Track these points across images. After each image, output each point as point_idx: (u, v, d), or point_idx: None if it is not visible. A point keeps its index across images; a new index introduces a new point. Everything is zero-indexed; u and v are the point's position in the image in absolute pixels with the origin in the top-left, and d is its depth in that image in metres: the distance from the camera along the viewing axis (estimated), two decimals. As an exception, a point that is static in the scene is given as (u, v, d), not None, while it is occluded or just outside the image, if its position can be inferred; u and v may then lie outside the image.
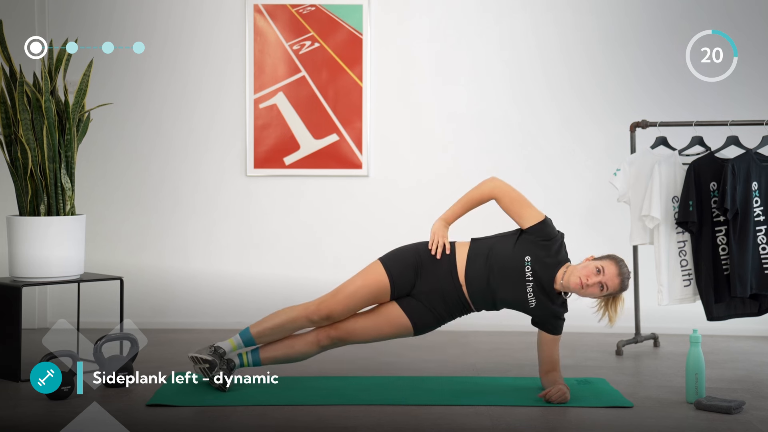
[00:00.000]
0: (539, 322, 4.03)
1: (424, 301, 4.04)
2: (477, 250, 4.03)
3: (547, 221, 4.00)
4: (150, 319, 5.62)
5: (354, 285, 4.06)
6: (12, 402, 3.90)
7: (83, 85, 4.57)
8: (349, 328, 4.07)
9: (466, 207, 4.10)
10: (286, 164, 5.81)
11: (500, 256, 3.98)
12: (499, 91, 5.81)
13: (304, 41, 5.80)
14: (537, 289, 3.95)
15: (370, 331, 4.07)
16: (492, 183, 4.07)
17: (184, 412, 3.73)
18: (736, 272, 4.74)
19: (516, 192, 4.03)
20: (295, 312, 4.06)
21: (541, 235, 3.98)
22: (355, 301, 4.03)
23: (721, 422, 3.65)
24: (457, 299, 4.03)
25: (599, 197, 5.71)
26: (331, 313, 4.02)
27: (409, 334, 4.10)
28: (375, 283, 4.04)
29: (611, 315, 3.99)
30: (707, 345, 5.01)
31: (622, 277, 3.92)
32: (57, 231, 4.42)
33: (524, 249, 3.97)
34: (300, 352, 4.10)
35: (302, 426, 3.56)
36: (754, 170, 4.80)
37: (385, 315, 4.07)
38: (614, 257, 3.96)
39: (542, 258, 3.95)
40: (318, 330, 4.09)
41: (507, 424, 3.61)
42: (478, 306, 4.06)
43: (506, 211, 4.05)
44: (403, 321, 4.05)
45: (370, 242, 5.79)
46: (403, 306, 4.06)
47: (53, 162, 4.45)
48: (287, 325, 4.06)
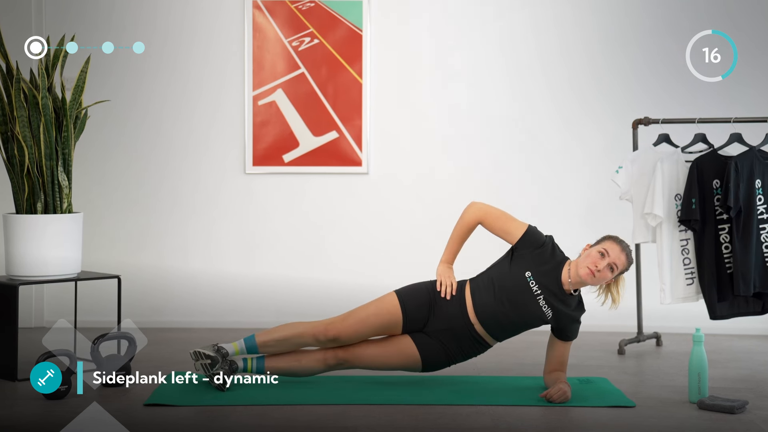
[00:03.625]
0: (558, 330, 4.03)
1: (435, 339, 4.04)
2: (478, 285, 4.04)
3: (531, 230, 4.02)
4: (148, 318, 5.60)
5: (366, 312, 4.04)
6: (9, 402, 3.88)
7: (80, 82, 4.54)
8: (359, 352, 4.05)
9: (458, 241, 4.12)
10: (285, 162, 5.78)
11: (503, 282, 3.98)
12: (499, 88, 5.79)
13: (303, 37, 5.77)
14: (549, 298, 3.95)
15: (379, 359, 4.05)
16: (473, 208, 4.09)
17: (184, 411, 3.70)
18: (739, 270, 4.72)
19: (497, 210, 4.07)
20: (303, 328, 4.04)
21: (531, 246, 3.99)
22: (365, 329, 4.02)
23: (724, 422, 3.63)
24: (470, 337, 4.02)
25: (598, 196, 5.69)
26: (339, 336, 4.00)
27: (417, 369, 4.08)
28: (388, 314, 4.03)
29: (614, 296, 4.01)
30: (710, 344, 5.00)
31: (626, 251, 3.96)
32: (54, 229, 4.39)
33: (521, 266, 3.98)
34: (306, 368, 4.08)
35: (302, 426, 3.54)
36: (757, 168, 4.78)
37: (395, 346, 4.06)
38: (610, 237, 4.00)
39: (541, 267, 3.96)
40: (327, 349, 4.07)
41: (508, 423, 3.59)
42: (498, 336, 4.05)
43: (492, 231, 4.07)
44: (413, 354, 4.04)
45: (370, 239, 5.78)
46: (415, 340, 4.05)
47: (50, 159, 4.42)
48: (293, 339, 4.04)
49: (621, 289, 4.01)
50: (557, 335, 4.04)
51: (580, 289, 4.02)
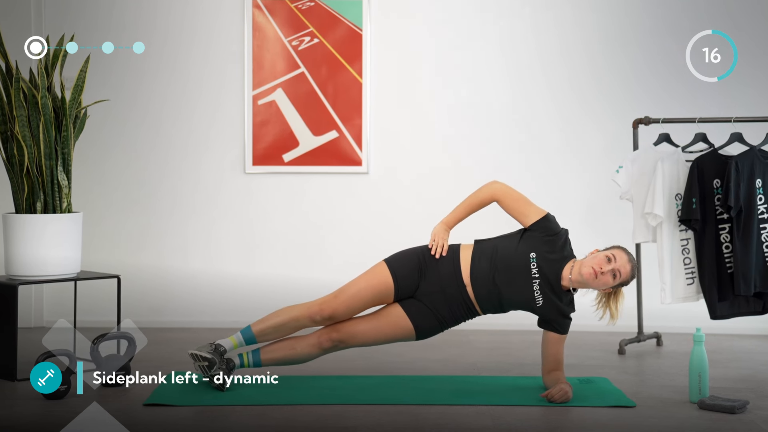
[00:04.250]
0: (546, 321, 4.00)
1: (427, 303, 4.01)
2: (481, 250, 4.01)
3: (549, 217, 3.99)
4: (148, 318, 5.59)
5: (358, 285, 4.03)
6: (8, 402, 3.87)
7: (80, 81, 4.53)
8: (351, 330, 4.03)
9: (467, 210, 4.08)
10: (285, 161, 5.77)
11: (505, 255, 3.96)
12: (499, 87, 5.78)
13: (303, 37, 5.76)
14: (544, 286, 3.93)
15: (372, 334, 4.03)
16: (493, 186, 4.06)
17: (183, 411, 3.70)
18: (739, 270, 4.71)
19: (517, 192, 4.03)
20: (298, 311, 4.03)
21: (545, 231, 3.96)
22: (359, 302, 4.00)
23: (724, 422, 3.62)
24: (461, 301, 4.00)
25: (598, 195, 5.68)
26: (334, 313, 3.99)
27: (412, 338, 4.07)
28: (379, 284, 4.01)
29: (612, 311, 3.98)
30: (710, 344, 4.99)
31: (632, 264, 3.94)
32: (53, 229, 4.38)
33: (529, 246, 3.95)
34: (301, 354, 4.06)
35: (302, 426, 3.54)
36: (757, 167, 4.77)
37: (387, 317, 4.04)
38: (619, 246, 3.99)
39: (547, 254, 3.93)
40: (319, 332, 4.06)
41: (508, 423, 3.58)
42: (485, 308, 4.03)
43: (508, 211, 4.03)
44: (405, 323, 4.02)
45: (370, 239, 5.78)
46: (406, 308, 4.02)
47: (50, 159, 4.41)
48: (289, 323, 4.03)
49: (620, 304, 3.99)
50: (545, 326, 4.00)
51: (576, 291, 4.00)
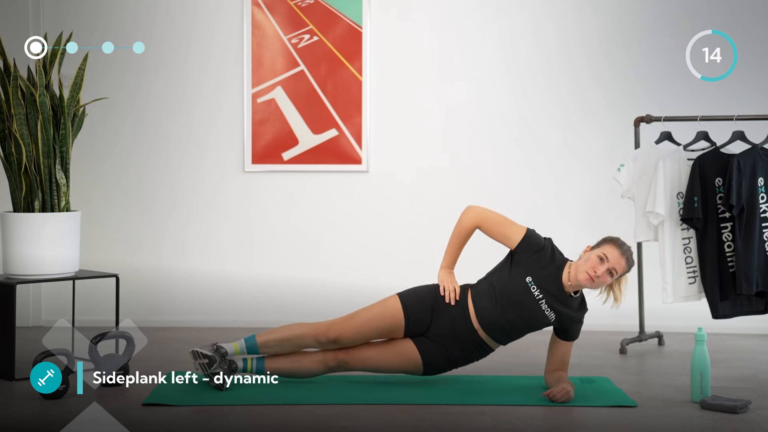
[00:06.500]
0: (561, 330, 4.01)
1: (437, 343, 4.02)
2: (480, 291, 4.02)
3: (529, 233, 4.00)
4: (147, 317, 5.57)
5: (368, 315, 4.02)
6: (6, 401, 3.86)
7: (78, 80, 4.51)
8: (359, 355, 4.03)
9: (457, 246, 4.10)
10: (285, 159, 5.76)
11: (504, 287, 3.96)
12: (499, 86, 5.77)
13: (302, 35, 5.74)
14: (551, 302, 3.93)
15: (379, 361, 4.03)
16: (471, 213, 4.06)
17: (183, 411, 3.69)
18: (741, 269, 4.70)
19: (495, 214, 4.04)
20: (304, 329, 4.02)
21: (530, 250, 3.97)
22: (366, 331, 4.00)
23: (726, 422, 3.61)
24: (472, 342, 4.00)
25: (599, 194, 5.67)
26: (340, 338, 3.98)
27: (418, 372, 4.07)
28: (390, 317, 4.00)
29: (616, 294, 3.99)
30: (712, 343, 4.98)
31: (626, 255, 3.92)
32: (52, 228, 4.36)
33: (521, 271, 3.96)
34: (306, 369, 4.05)
35: (301, 426, 3.52)
36: (760, 166, 4.75)
37: (397, 348, 4.04)
38: (610, 239, 3.97)
39: (541, 271, 3.94)
40: (327, 350, 4.05)
41: (509, 423, 3.57)
42: (502, 340, 4.03)
43: (491, 236, 4.05)
44: (414, 357, 4.02)
45: (369, 238, 5.76)
46: (417, 343, 4.02)
47: (48, 157, 4.39)
48: (293, 340, 4.02)
49: (624, 288, 3.99)
50: (560, 336, 4.02)
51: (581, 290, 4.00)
